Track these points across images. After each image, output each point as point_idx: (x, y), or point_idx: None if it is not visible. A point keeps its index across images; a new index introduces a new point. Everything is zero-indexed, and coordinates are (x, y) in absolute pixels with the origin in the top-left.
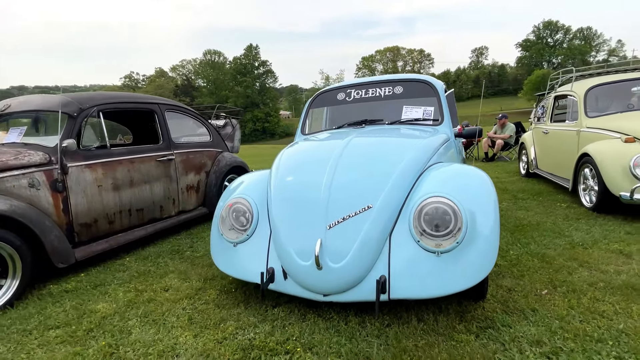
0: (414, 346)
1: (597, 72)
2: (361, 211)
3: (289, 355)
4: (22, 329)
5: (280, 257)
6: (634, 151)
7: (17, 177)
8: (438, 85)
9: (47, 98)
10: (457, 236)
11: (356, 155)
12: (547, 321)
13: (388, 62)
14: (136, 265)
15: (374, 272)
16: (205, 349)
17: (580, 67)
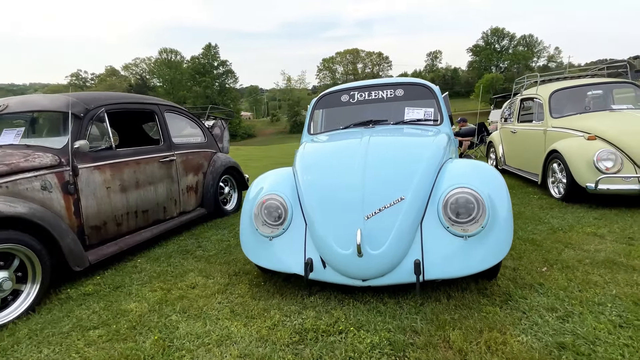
0: (451, 319)
1: (557, 78)
2: (395, 202)
3: (343, 335)
4: (57, 331)
5: (319, 247)
6: (596, 147)
7: (30, 180)
8: (435, 88)
9: (51, 98)
10: (481, 221)
11: (381, 153)
12: (554, 292)
13: (348, 64)
14: (149, 266)
15: (409, 257)
16: (261, 335)
17: (523, 71)
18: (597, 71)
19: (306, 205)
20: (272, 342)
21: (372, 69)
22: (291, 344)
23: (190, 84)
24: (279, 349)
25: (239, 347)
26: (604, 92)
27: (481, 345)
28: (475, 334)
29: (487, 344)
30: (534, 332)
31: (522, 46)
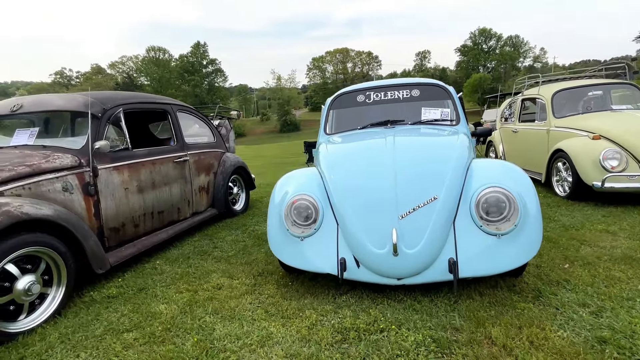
0: (489, 316)
1: (557, 78)
2: (429, 202)
3: (385, 333)
4: (89, 335)
5: (352, 247)
6: (602, 147)
7: (52, 181)
8: (451, 89)
9: (67, 97)
10: (514, 220)
11: (409, 153)
12: (581, 288)
13: (338, 64)
14: (169, 268)
15: (443, 256)
16: (302, 335)
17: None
18: (596, 72)
19: (337, 205)
20: (315, 342)
21: (361, 69)
22: (335, 343)
23: (178, 82)
24: (324, 348)
25: (283, 347)
26: (604, 93)
27: (524, 340)
28: (515, 330)
29: (529, 340)
30: (571, 328)
31: (508, 46)
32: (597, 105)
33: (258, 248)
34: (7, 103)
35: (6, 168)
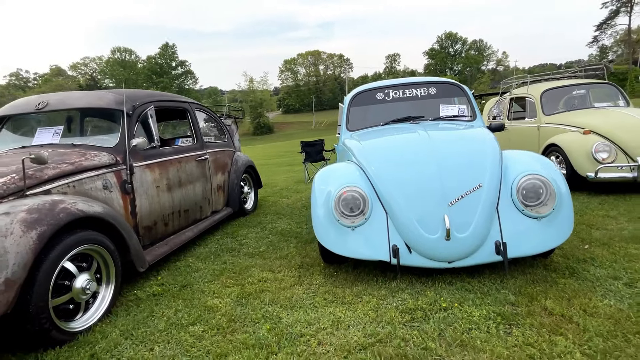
0: (537, 291)
1: (540, 79)
2: (475, 189)
3: (450, 311)
4: (154, 330)
5: (404, 234)
6: (593, 140)
7: (93, 179)
8: (465, 87)
9: (97, 95)
10: (551, 204)
11: (448, 146)
12: (608, 264)
13: (310, 66)
14: (203, 265)
15: (489, 239)
16: (370, 317)
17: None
18: (577, 72)
19: (385, 195)
20: (387, 322)
21: (333, 71)
22: (406, 322)
23: (146, 84)
24: (398, 327)
25: (358, 329)
26: (586, 92)
27: (577, 309)
28: (566, 302)
29: (582, 309)
30: (613, 297)
31: (473, 50)
32: (580, 103)
33: (286, 243)
34: (31, 100)
35: (50, 165)
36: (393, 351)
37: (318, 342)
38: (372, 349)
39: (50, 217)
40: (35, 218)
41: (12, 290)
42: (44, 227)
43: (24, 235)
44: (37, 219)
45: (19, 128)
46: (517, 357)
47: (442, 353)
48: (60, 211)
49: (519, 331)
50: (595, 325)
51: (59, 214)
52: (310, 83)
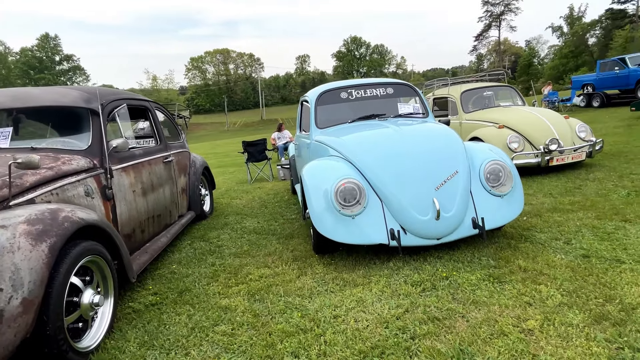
0: (508, 254)
1: (459, 81)
2: (453, 175)
3: (451, 279)
4: (177, 336)
5: (399, 217)
6: (507, 133)
7: (75, 185)
8: (416, 88)
9: (59, 91)
10: (509, 184)
11: (421, 138)
12: (546, 230)
13: (219, 65)
14: (190, 270)
15: (467, 216)
16: (388, 293)
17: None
18: (482, 76)
19: (378, 185)
20: (405, 295)
21: (244, 70)
22: (420, 292)
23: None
24: (416, 297)
25: (384, 304)
26: (492, 93)
27: (543, 264)
28: (532, 260)
29: (546, 263)
30: (560, 252)
31: (376, 54)
32: (490, 103)
33: (266, 241)
34: None
35: (28, 171)
36: (423, 315)
37: (354, 320)
38: (404, 317)
39: (56, 227)
40: (40, 229)
41: (32, 311)
42: (52, 238)
43: (33, 249)
44: (42, 230)
45: None
46: (518, 304)
47: (462, 310)
48: (64, 220)
49: (509, 286)
50: (560, 273)
51: (63, 223)
52: (221, 82)
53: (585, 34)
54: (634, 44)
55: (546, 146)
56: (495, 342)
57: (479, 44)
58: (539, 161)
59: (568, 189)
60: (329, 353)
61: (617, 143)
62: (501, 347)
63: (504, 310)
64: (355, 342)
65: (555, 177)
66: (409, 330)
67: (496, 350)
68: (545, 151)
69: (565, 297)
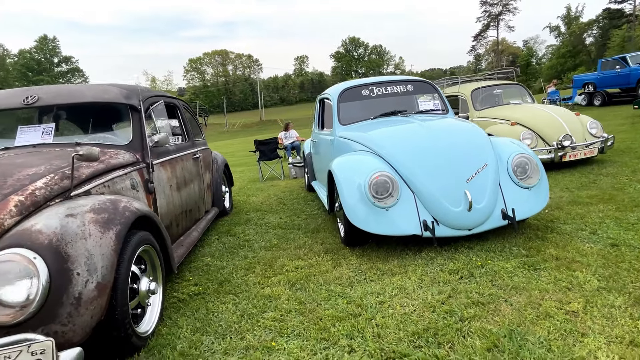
0: (538, 244)
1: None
2: (483, 167)
3: (486, 267)
4: (229, 322)
5: (432, 209)
6: (519, 130)
7: (123, 178)
8: (435, 85)
9: (101, 88)
10: (536, 176)
11: (447, 133)
12: (570, 221)
13: (218, 66)
14: (224, 263)
15: (497, 208)
16: (427, 280)
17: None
18: (491, 75)
19: (410, 178)
20: (444, 282)
21: (243, 71)
22: (459, 279)
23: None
24: (456, 284)
25: (425, 290)
26: (502, 91)
27: (574, 253)
28: (562, 249)
29: (576, 252)
30: (588, 242)
31: (374, 54)
32: (500, 101)
33: (294, 235)
34: (16, 94)
35: (83, 164)
36: (467, 300)
37: (400, 305)
38: (449, 302)
39: (119, 215)
40: (106, 218)
41: (105, 295)
42: (117, 226)
43: (103, 236)
44: (108, 218)
45: None
46: (558, 289)
47: (504, 295)
48: (124, 209)
49: (545, 272)
50: (593, 261)
51: (124, 212)
52: (220, 83)
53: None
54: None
55: (559, 142)
56: (542, 322)
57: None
58: (552, 157)
59: (583, 183)
60: (383, 335)
61: (624, 140)
62: (549, 327)
63: (544, 295)
64: (406, 325)
65: (568, 172)
66: (456, 313)
67: (545, 330)
68: (559, 147)
69: (602, 282)
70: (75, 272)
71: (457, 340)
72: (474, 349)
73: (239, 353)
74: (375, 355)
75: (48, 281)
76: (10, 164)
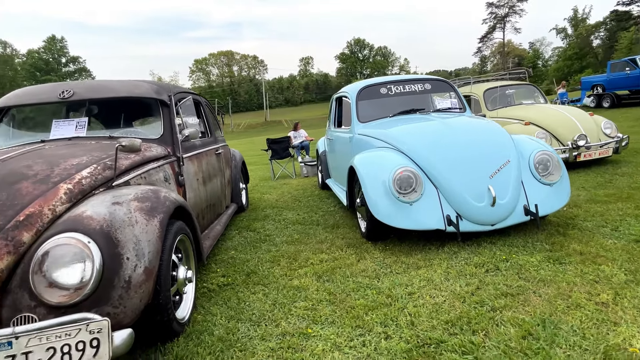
0: (561, 240)
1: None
2: (506, 164)
3: (511, 261)
4: (263, 310)
5: (456, 204)
6: (534, 130)
7: (157, 170)
8: (452, 83)
9: (132, 83)
10: (558, 173)
11: (468, 130)
12: (590, 218)
13: (223, 66)
14: (249, 256)
15: (519, 204)
16: (453, 273)
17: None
18: (504, 75)
19: (434, 173)
20: (471, 275)
21: (248, 72)
22: (485, 272)
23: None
24: (482, 276)
25: (453, 282)
26: (514, 91)
27: (598, 248)
28: (585, 245)
29: (600, 247)
30: (611, 238)
31: (379, 56)
32: (512, 101)
33: (313, 230)
34: (52, 88)
35: (122, 156)
36: (496, 291)
37: (430, 296)
38: (478, 293)
39: (161, 204)
40: (149, 206)
41: (151, 279)
42: (160, 214)
43: (148, 223)
44: (151, 207)
45: (24, 120)
46: (585, 282)
47: (532, 287)
48: (165, 199)
49: (571, 266)
50: (617, 255)
51: (164, 201)
52: (225, 84)
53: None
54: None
55: (574, 142)
56: (574, 313)
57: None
58: (567, 157)
59: (599, 182)
60: (416, 323)
61: (637, 141)
62: (581, 317)
63: (572, 287)
64: (439, 314)
65: (583, 172)
66: (486, 304)
67: (577, 319)
68: (573, 147)
69: (629, 275)
70: (125, 257)
71: (491, 329)
72: (508, 337)
73: (275, 339)
74: (411, 342)
75: (101, 265)
76: (54, 154)
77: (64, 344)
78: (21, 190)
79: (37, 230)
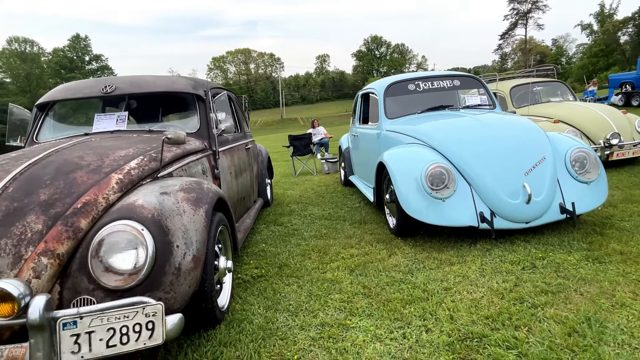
0: (598, 239)
1: (503, 78)
2: (541, 161)
3: (547, 259)
4: (299, 301)
5: (489, 201)
6: (563, 128)
7: (196, 163)
8: (481, 80)
9: (170, 79)
10: (595, 171)
11: (501, 126)
12: (627, 218)
13: (240, 64)
14: (279, 249)
15: (555, 201)
16: (489, 270)
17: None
18: (531, 72)
19: (467, 169)
20: (507, 272)
21: (265, 70)
22: (522, 270)
23: (53, 80)
24: (519, 274)
25: (489, 279)
26: (541, 88)
27: (637, 247)
28: (625, 244)
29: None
30: None
31: (396, 53)
32: (539, 98)
33: (340, 226)
34: (95, 83)
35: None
36: (535, 289)
37: (467, 292)
38: (516, 290)
39: (205, 195)
40: (195, 197)
41: (199, 267)
42: (205, 205)
43: (195, 213)
44: (197, 197)
45: (65, 114)
46: (629, 281)
47: (572, 285)
48: (208, 191)
49: (612, 266)
50: None
51: (208, 193)
52: (242, 82)
53: (617, 32)
54: None
55: (607, 140)
56: (619, 311)
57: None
58: (599, 155)
59: (634, 182)
60: (456, 317)
61: None
62: (627, 315)
63: (615, 287)
64: (478, 309)
65: (615, 171)
66: (526, 300)
67: (624, 318)
68: (606, 145)
69: None
70: (175, 245)
71: (533, 325)
72: (552, 333)
73: (315, 329)
74: (453, 335)
75: (154, 251)
76: (102, 146)
77: (123, 325)
78: (77, 179)
79: (93, 218)
